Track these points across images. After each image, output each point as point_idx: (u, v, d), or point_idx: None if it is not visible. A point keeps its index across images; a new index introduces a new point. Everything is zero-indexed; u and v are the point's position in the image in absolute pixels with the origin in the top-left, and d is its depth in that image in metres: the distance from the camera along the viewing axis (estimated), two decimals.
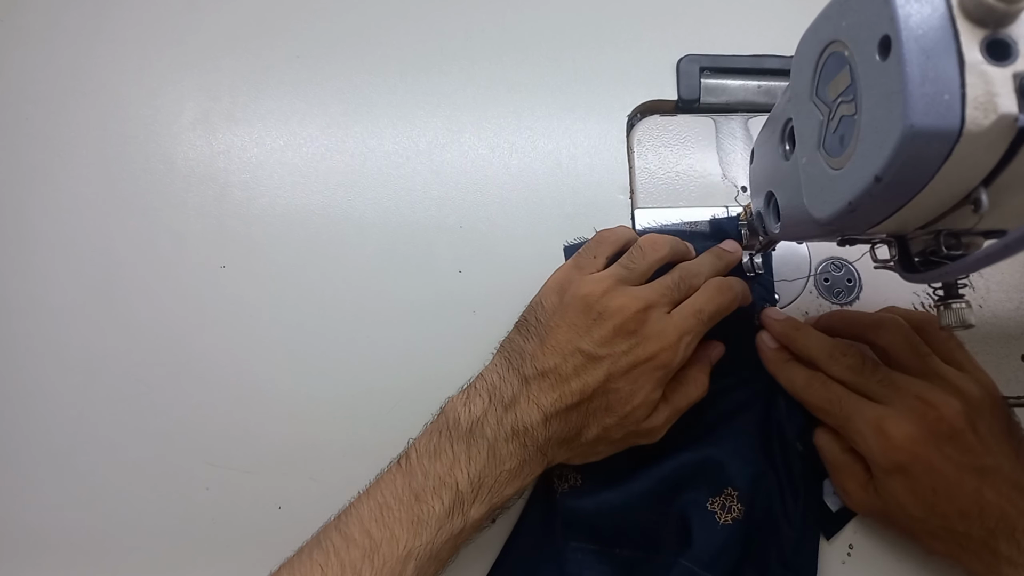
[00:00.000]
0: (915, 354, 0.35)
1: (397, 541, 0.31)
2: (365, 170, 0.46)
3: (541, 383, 0.34)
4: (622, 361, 0.33)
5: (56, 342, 0.43)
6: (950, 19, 0.21)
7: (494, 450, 0.33)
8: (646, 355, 0.34)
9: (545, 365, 0.34)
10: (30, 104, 0.47)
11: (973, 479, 0.32)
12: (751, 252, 0.42)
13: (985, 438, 0.33)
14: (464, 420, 0.33)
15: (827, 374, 0.36)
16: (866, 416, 0.34)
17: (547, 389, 0.33)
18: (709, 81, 0.47)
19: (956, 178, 0.22)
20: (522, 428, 0.33)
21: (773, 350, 0.39)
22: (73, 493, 0.40)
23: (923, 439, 0.32)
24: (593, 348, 0.33)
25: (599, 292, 0.35)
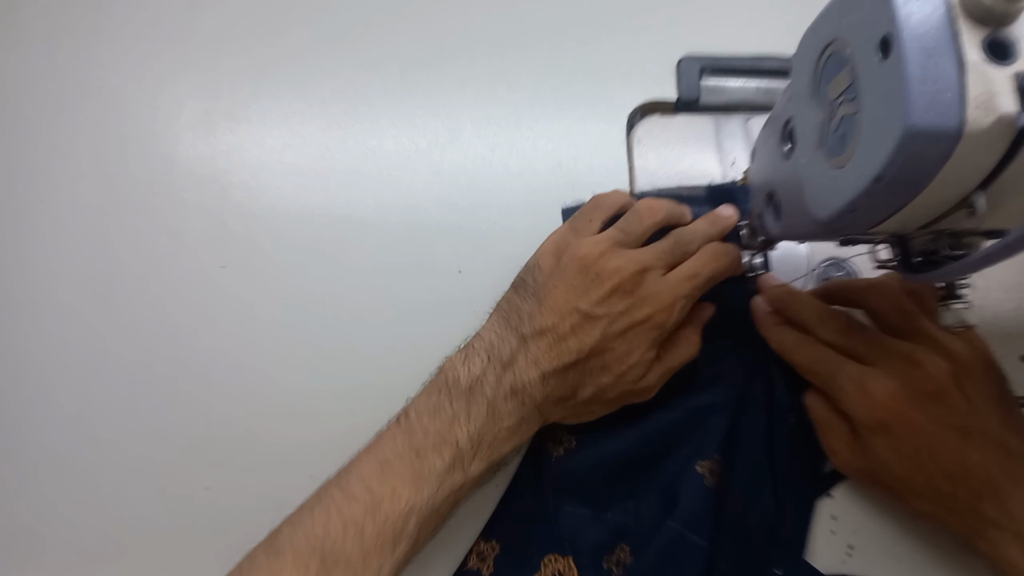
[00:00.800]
0: (904, 315, 0.35)
1: (399, 497, 0.31)
2: (365, 170, 0.46)
3: (539, 342, 0.34)
4: (619, 322, 0.34)
5: (56, 342, 0.43)
6: (950, 19, 0.21)
7: (493, 407, 0.33)
8: (642, 316, 0.34)
9: (543, 324, 0.34)
10: (30, 104, 0.47)
11: (958, 439, 0.32)
12: (751, 252, 0.42)
13: (972, 398, 0.32)
14: (463, 378, 0.34)
15: (817, 337, 0.37)
16: (849, 374, 0.34)
17: (545, 348, 0.34)
18: (709, 81, 0.47)
19: (956, 178, 0.22)
20: (520, 386, 0.33)
21: (767, 313, 0.39)
22: (73, 493, 0.40)
23: (906, 397, 0.32)
24: (590, 308, 0.34)
25: (596, 254, 0.35)
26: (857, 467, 0.36)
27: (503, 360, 0.34)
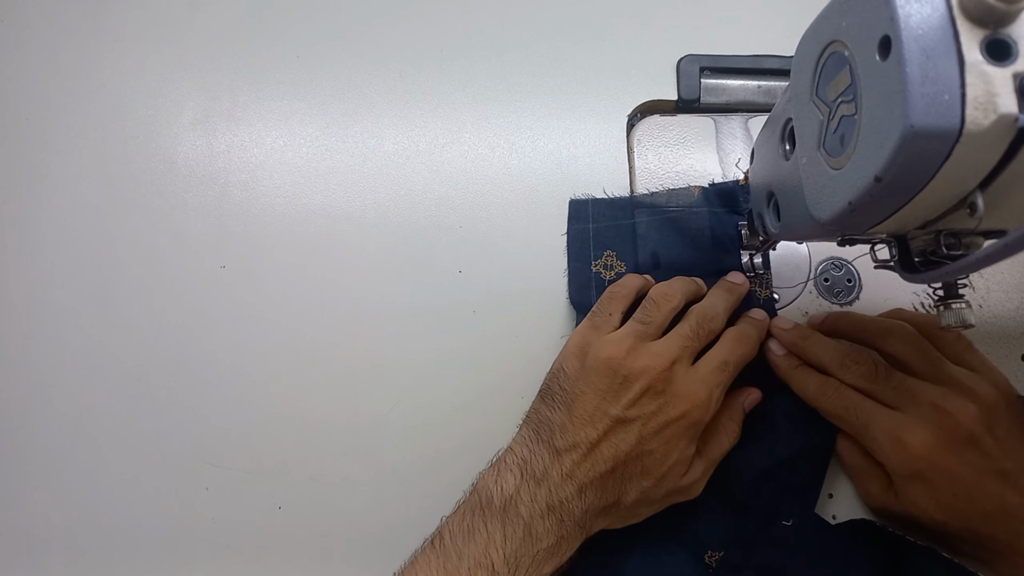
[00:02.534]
0: (926, 359, 0.35)
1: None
2: (365, 170, 0.46)
3: (572, 454, 0.33)
4: (652, 422, 0.33)
5: (56, 342, 0.43)
6: (950, 19, 0.21)
7: (530, 528, 0.32)
8: (677, 414, 0.33)
9: (575, 436, 0.33)
10: (30, 104, 0.47)
11: (995, 483, 0.32)
12: (751, 252, 0.42)
13: (1003, 440, 0.33)
14: (497, 498, 0.33)
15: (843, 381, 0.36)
16: (883, 425, 0.34)
17: (578, 459, 0.33)
18: (709, 81, 0.47)
19: (956, 178, 0.22)
20: (557, 503, 0.32)
21: (782, 357, 0.39)
22: (73, 493, 0.40)
23: (941, 446, 0.32)
24: (622, 412, 0.33)
25: (622, 354, 0.34)
26: (894, 510, 0.35)
27: (536, 476, 0.33)
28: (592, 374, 0.34)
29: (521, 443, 0.35)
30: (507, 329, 0.42)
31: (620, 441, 0.33)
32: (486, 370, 0.41)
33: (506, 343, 0.42)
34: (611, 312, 0.37)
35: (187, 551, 0.40)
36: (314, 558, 0.39)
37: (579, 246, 0.44)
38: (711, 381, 0.34)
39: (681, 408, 0.33)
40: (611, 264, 0.43)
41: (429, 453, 0.40)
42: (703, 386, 0.34)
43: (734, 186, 0.44)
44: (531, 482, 0.33)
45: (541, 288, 0.43)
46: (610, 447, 0.33)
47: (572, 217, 0.44)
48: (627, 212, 0.44)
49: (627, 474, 0.33)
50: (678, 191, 0.44)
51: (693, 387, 0.34)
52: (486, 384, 0.41)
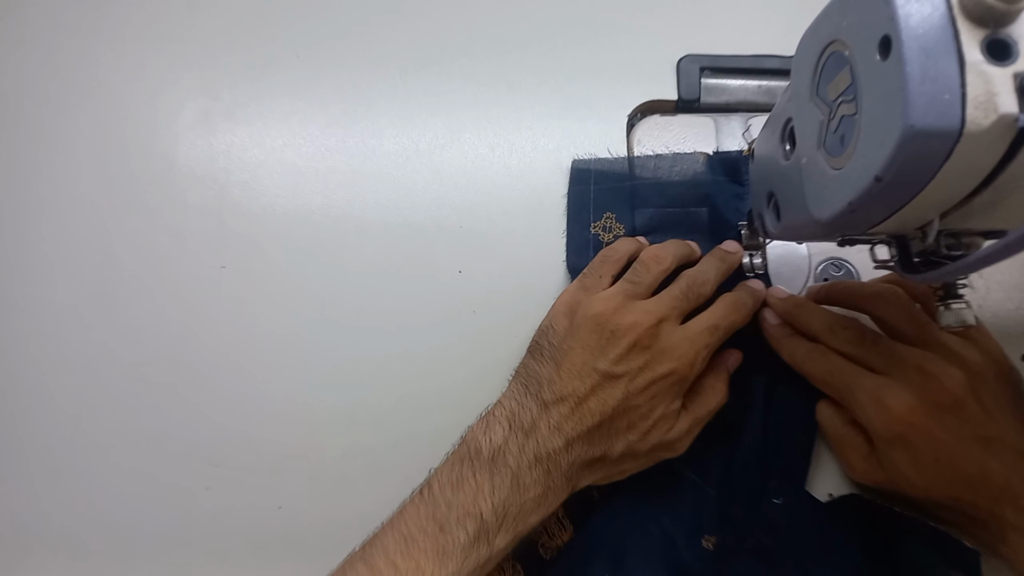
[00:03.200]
0: (914, 323, 0.35)
1: (423, 572, 0.30)
2: (365, 170, 0.46)
3: (560, 407, 0.33)
4: (639, 378, 0.33)
5: (56, 342, 0.43)
6: (950, 19, 0.21)
7: (517, 478, 0.32)
8: (664, 371, 0.34)
9: (563, 389, 0.34)
10: (30, 103, 0.47)
11: (976, 448, 0.32)
12: (751, 252, 0.42)
13: (989, 407, 0.32)
14: (485, 449, 0.33)
15: (828, 347, 0.36)
16: (866, 387, 0.34)
17: (567, 413, 0.33)
18: (709, 81, 0.47)
19: (956, 178, 0.22)
20: (544, 454, 0.33)
21: (775, 326, 0.39)
22: (73, 493, 0.40)
23: (923, 409, 0.32)
24: (609, 367, 0.33)
25: (610, 310, 0.35)
26: (875, 479, 0.35)
27: (524, 428, 0.33)
28: (580, 330, 0.35)
29: (510, 396, 0.35)
30: (507, 329, 0.42)
31: (607, 395, 0.33)
32: (486, 370, 0.41)
33: (506, 343, 0.42)
34: (601, 275, 0.38)
35: (187, 551, 0.40)
36: (314, 558, 0.39)
37: (579, 207, 0.44)
38: (699, 341, 0.35)
39: (668, 365, 0.34)
40: (610, 226, 0.43)
41: (429, 453, 0.40)
42: (690, 345, 0.34)
43: (738, 156, 0.44)
44: (519, 434, 0.33)
45: (541, 288, 0.43)
46: (598, 401, 0.33)
47: (574, 179, 0.45)
48: (629, 175, 0.45)
49: (614, 428, 0.34)
50: (683, 155, 0.45)
51: (680, 345, 0.34)
52: (486, 384, 0.41)
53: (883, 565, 0.35)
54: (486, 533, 0.31)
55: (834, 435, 0.37)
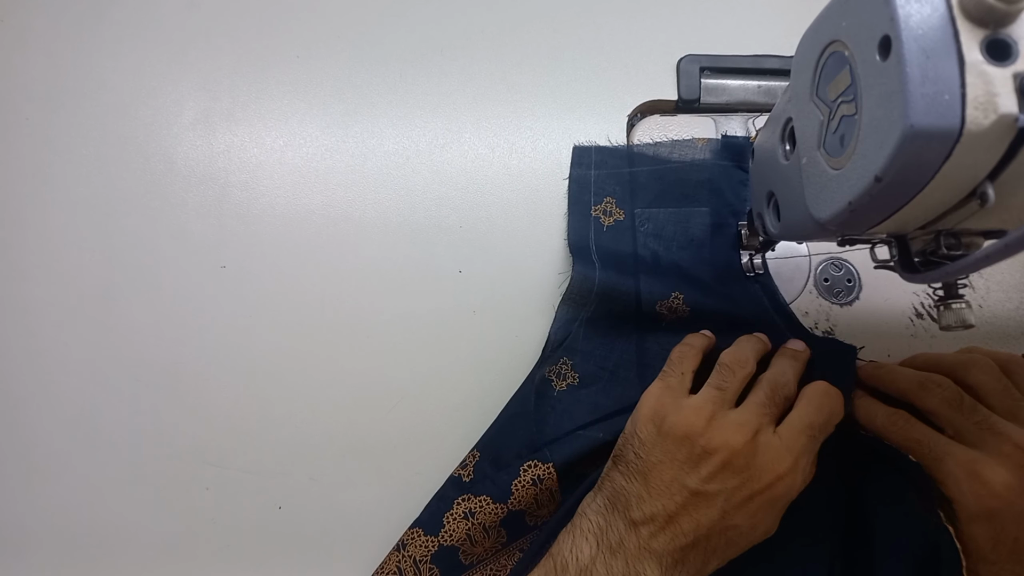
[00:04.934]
0: (1009, 396, 0.34)
1: None
2: (365, 170, 0.46)
3: (649, 526, 0.32)
4: (736, 496, 0.32)
5: (56, 342, 0.43)
6: (950, 19, 0.21)
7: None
8: (761, 486, 0.32)
9: (653, 509, 0.32)
10: (30, 104, 0.47)
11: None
12: (751, 252, 0.42)
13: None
14: (572, 567, 0.32)
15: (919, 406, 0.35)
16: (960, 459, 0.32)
17: (657, 532, 0.32)
18: (709, 81, 0.47)
19: (956, 178, 0.22)
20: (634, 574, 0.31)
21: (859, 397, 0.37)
22: (73, 493, 0.40)
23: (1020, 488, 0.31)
24: (701, 486, 0.32)
25: (701, 423, 0.33)
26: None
27: (612, 547, 0.32)
28: (669, 442, 0.33)
29: (596, 512, 0.34)
30: (507, 329, 0.42)
31: (700, 515, 0.31)
32: (486, 370, 0.41)
33: (506, 343, 0.42)
34: (683, 371, 0.36)
35: (187, 551, 0.40)
36: (314, 558, 0.39)
37: (579, 191, 0.45)
38: (796, 448, 0.32)
39: (766, 480, 0.32)
40: (610, 210, 0.44)
41: (429, 453, 0.40)
42: (788, 454, 0.32)
43: (744, 142, 0.45)
44: (607, 553, 0.32)
45: (541, 288, 0.43)
46: (689, 521, 0.31)
47: (575, 162, 0.45)
48: (628, 161, 0.45)
49: (710, 547, 0.32)
50: (681, 142, 0.45)
51: (777, 457, 0.32)
52: (485, 384, 0.41)
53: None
54: None
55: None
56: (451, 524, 0.36)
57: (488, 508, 0.36)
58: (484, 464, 0.38)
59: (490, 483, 0.37)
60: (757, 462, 0.32)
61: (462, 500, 0.37)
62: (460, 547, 0.36)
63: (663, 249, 0.43)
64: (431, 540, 0.36)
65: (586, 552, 0.32)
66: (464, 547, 0.36)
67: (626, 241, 0.43)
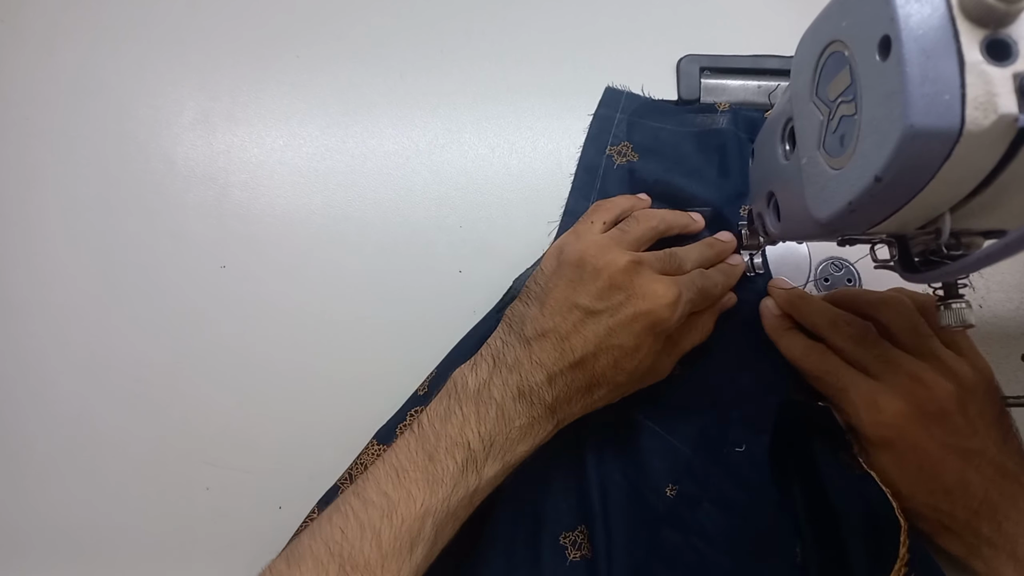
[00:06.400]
0: (915, 333, 0.36)
1: (414, 500, 0.31)
2: (365, 170, 0.46)
3: (542, 343, 0.34)
4: (619, 314, 0.34)
5: (56, 342, 0.43)
6: (950, 19, 0.21)
7: (502, 409, 0.33)
8: (643, 308, 0.33)
9: (545, 325, 0.34)
10: (30, 104, 0.47)
11: (958, 460, 0.33)
12: (751, 252, 0.42)
13: (974, 421, 0.33)
14: (471, 383, 0.34)
15: (828, 342, 0.37)
16: (860, 389, 0.35)
17: (548, 349, 0.34)
18: (709, 81, 0.47)
19: (956, 178, 0.22)
20: (527, 388, 0.33)
21: (776, 316, 0.40)
22: (73, 493, 0.40)
23: (911, 416, 0.33)
24: (590, 302, 0.34)
25: (593, 249, 0.35)
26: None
27: (508, 363, 0.34)
28: (565, 267, 0.35)
29: (496, 336, 0.36)
30: None
31: (588, 331, 0.33)
32: None
33: None
34: (593, 220, 0.38)
35: (187, 551, 0.40)
36: None
37: (600, 130, 0.46)
38: (679, 284, 0.35)
39: (647, 304, 0.33)
40: (625, 153, 0.45)
41: None
42: (669, 287, 0.34)
43: (759, 117, 0.45)
44: (503, 368, 0.34)
45: None
46: (579, 338, 0.33)
47: (603, 103, 0.46)
48: (655, 115, 0.46)
49: (597, 367, 0.34)
50: (704, 106, 0.46)
51: (658, 287, 0.34)
52: None
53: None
54: (474, 462, 0.32)
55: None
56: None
57: None
58: (439, 380, 0.39)
59: None
60: (640, 282, 0.34)
61: (415, 412, 0.38)
62: None
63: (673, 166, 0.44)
64: (382, 448, 0.38)
65: (484, 370, 0.34)
66: None
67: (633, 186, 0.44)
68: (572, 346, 0.34)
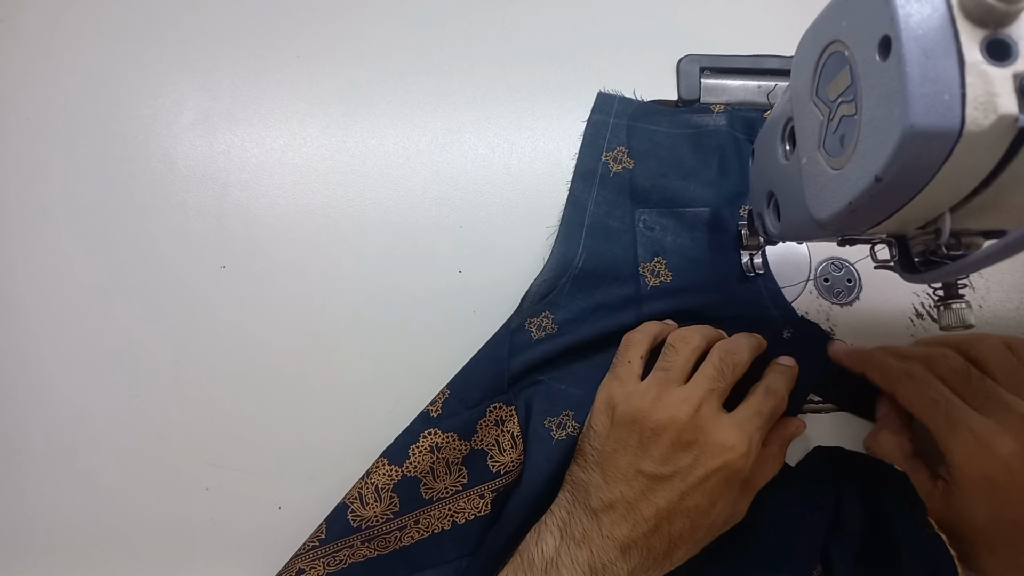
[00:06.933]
0: (1013, 372, 0.34)
1: None
2: (365, 170, 0.46)
3: (611, 515, 0.32)
4: (691, 476, 0.32)
5: (56, 342, 0.43)
6: (950, 19, 0.21)
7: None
8: (715, 465, 0.32)
9: (611, 496, 0.32)
10: (30, 104, 0.47)
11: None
12: (751, 252, 0.42)
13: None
14: (538, 560, 0.32)
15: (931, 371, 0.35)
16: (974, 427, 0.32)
17: (619, 521, 0.32)
18: (709, 81, 0.47)
19: (956, 178, 0.22)
20: (600, 565, 0.31)
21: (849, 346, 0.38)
22: (73, 493, 0.40)
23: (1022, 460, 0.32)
24: (656, 468, 0.32)
25: (646, 405, 0.33)
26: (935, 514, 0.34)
27: (576, 538, 0.32)
28: (620, 429, 0.33)
29: (560, 505, 0.34)
30: None
31: (659, 498, 0.32)
32: None
33: None
34: (630, 359, 0.36)
35: (187, 551, 0.40)
36: None
37: (595, 135, 0.45)
38: (748, 427, 0.33)
39: (719, 459, 0.32)
40: (620, 158, 0.44)
41: None
42: (740, 432, 0.32)
43: (757, 116, 0.45)
44: (571, 544, 0.32)
45: None
46: (649, 506, 0.32)
47: (596, 108, 0.46)
48: (649, 118, 0.46)
49: (673, 531, 0.32)
50: (700, 107, 0.46)
51: (729, 433, 0.32)
52: None
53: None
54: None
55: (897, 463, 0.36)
56: (416, 456, 0.37)
57: (454, 444, 0.37)
58: (453, 401, 0.39)
59: (458, 420, 0.38)
60: (707, 438, 0.32)
61: (428, 434, 0.37)
62: (423, 479, 0.37)
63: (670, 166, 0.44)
64: (395, 469, 0.37)
65: (551, 544, 0.32)
66: (426, 480, 0.37)
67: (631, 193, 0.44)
68: (644, 515, 0.31)
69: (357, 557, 0.36)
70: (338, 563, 0.36)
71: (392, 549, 0.37)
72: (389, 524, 0.37)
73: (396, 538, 0.37)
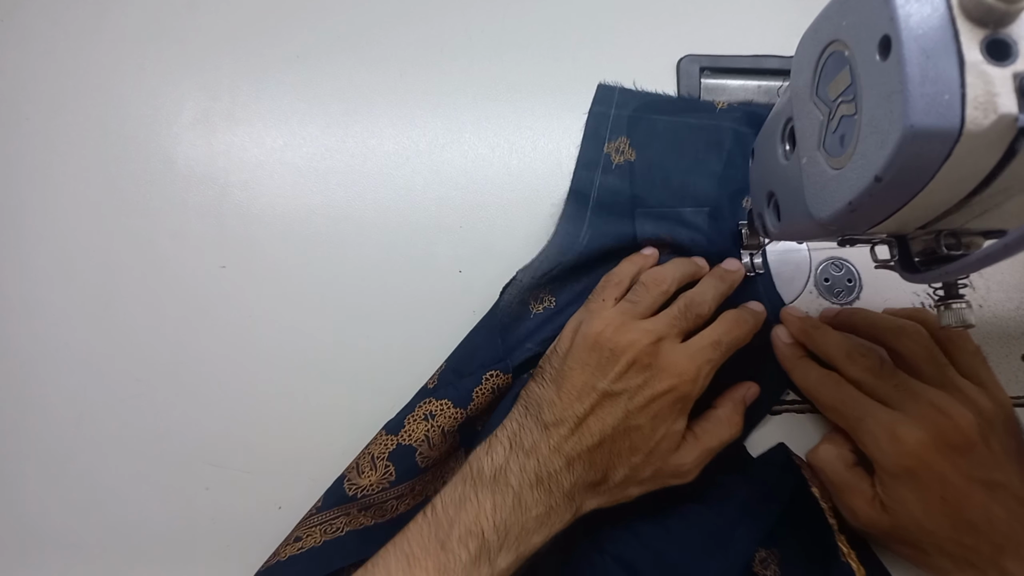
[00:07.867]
0: (934, 363, 0.35)
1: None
2: (365, 170, 0.46)
3: (560, 428, 0.33)
4: (639, 396, 0.33)
5: (56, 342, 0.43)
6: (950, 19, 0.21)
7: (519, 497, 0.32)
8: (663, 387, 0.33)
9: (563, 410, 0.34)
10: (30, 104, 0.47)
11: (982, 492, 0.32)
12: (751, 252, 0.42)
13: (996, 453, 0.33)
14: (487, 468, 0.33)
15: (843, 374, 0.36)
16: (880, 420, 0.34)
17: (567, 434, 0.33)
18: (709, 81, 0.47)
19: (956, 178, 0.22)
20: (546, 474, 0.33)
21: (788, 345, 0.39)
22: (73, 493, 0.40)
23: (935, 447, 0.32)
24: (608, 385, 0.33)
25: (609, 330, 0.35)
26: (879, 524, 0.34)
27: (525, 448, 0.33)
28: (580, 350, 0.35)
29: (512, 419, 0.35)
30: None
31: (607, 415, 0.33)
32: None
33: None
34: (604, 297, 0.38)
35: (187, 551, 0.40)
36: None
37: (596, 126, 0.45)
38: (700, 357, 0.34)
39: (668, 382, 0.33)
40: (622, 150, 0.44)
41: None
42: (691, 361, 0.34)
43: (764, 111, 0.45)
44: (520, 454, 0.33)
45: None
46: (597, 421, 0.33)
47: (597, 100, 0.46)
48: (651, 108, 0.45)
49: (615, 449, 0.33)
50: (702, 103, 0.46)
51: (680, 361, 0.34)
52: None
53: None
54: (487, 552, 0.31)
55: (837, 479, 0.36)
56: (411, 424, 0.37)
57: (448, 412, 0.37)
58: (448, 372, 0.39)
59: (452, 388, 0.38)
60: (659, 363, 0.34)
61: (424, 403, 0.38)
62: (418, 448, 0.37)
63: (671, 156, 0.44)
64: (391, 439, 0.37)
65: (500, 454, 0.34)
66: (422, 448, 0.37)
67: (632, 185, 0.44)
68: (590, 430, 0.33)
69: (355, 525, 0.36)
70: (335, 531, 0.36)
71: (389, 518, 0.37)
72: (386, 493, 0.37)
73: (393, 507, 0.37)
